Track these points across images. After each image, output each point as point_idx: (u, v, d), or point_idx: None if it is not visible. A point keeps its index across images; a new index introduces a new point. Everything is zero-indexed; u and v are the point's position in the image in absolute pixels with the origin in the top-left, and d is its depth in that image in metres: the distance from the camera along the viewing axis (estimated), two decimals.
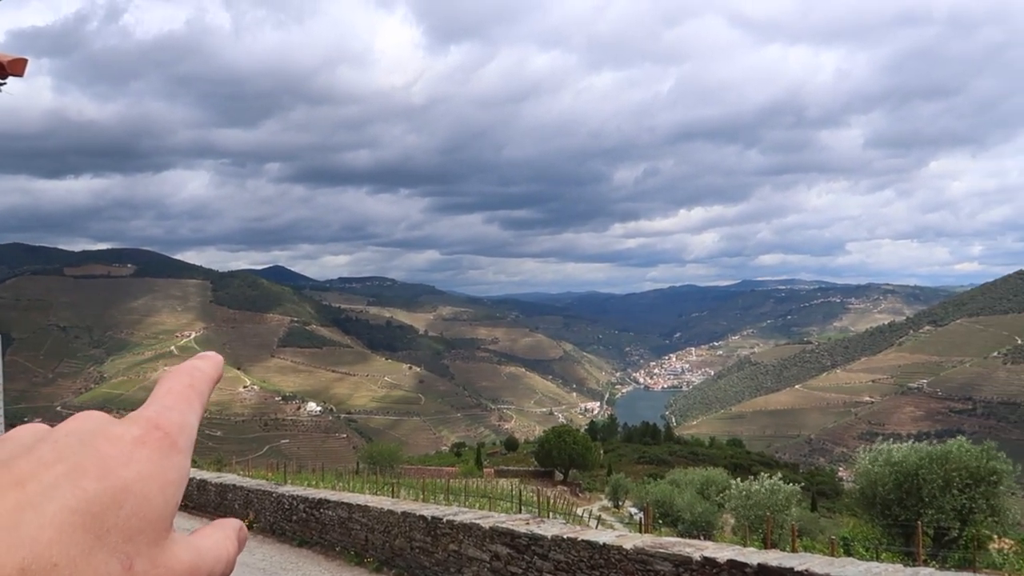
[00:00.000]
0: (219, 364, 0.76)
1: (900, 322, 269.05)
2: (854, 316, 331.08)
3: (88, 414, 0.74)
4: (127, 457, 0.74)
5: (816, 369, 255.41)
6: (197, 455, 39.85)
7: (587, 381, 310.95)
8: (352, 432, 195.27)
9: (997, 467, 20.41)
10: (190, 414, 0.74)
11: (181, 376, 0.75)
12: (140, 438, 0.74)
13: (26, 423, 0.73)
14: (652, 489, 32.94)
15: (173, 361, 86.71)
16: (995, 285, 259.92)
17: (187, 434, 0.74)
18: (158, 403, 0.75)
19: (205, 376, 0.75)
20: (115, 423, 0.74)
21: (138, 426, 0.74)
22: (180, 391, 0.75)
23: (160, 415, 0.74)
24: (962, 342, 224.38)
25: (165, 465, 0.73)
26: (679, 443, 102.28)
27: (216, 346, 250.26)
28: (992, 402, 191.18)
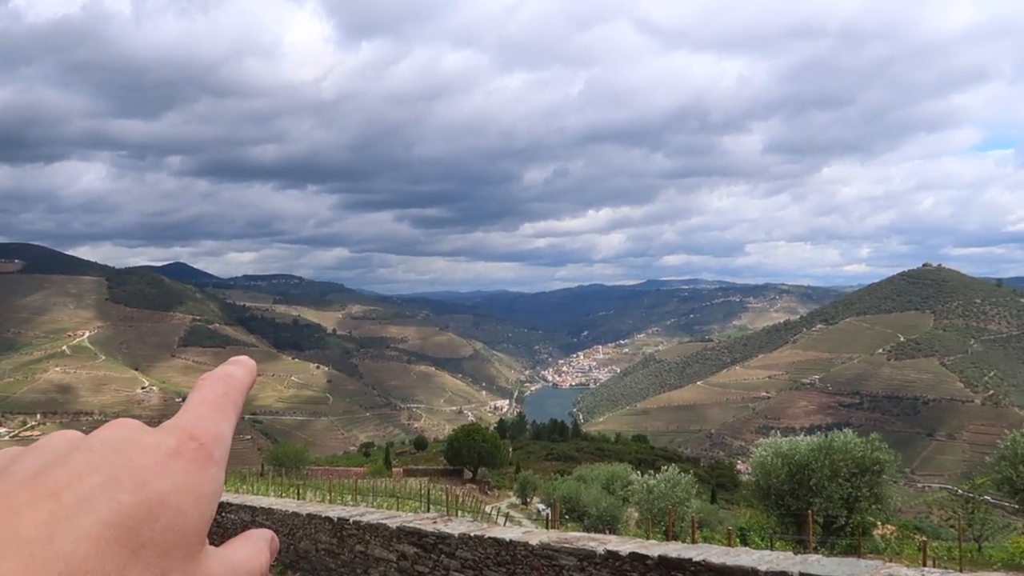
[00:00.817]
0: (252, 370, 0.75)
1: (795, 321, 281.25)
2: (752, 315, 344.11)
3: (122, 422, 0.72)
4: (162, 469, 0.72)
5: (717, 366, 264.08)
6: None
7: (497, 379, 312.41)
8: (257, 434, 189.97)
9: (880, 457, 21.65)
10: (224, 424, 0.73)
11: (215, 383, 0.74)
12: (175, 449, 0.73)
13: (60, 429, 0.70)
14: (559, 485, 33.42)
15: (65, 361, 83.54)
16: (881, 286, 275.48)
17: (222, 445, 0.73)
18: (192, 412, 0.73)
19: (239, 383, 0.74)
20: (149, 432, 0.72)
21: (173, 436, 0.73)
22: (214, 400, 0.73)
23: (195, 425, 0.73)
24: (851, 340, 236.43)
25: (200, 477, 0.73)
26: (586, 439, 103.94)
27: (113, 346, 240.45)
28: (877, 396, 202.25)
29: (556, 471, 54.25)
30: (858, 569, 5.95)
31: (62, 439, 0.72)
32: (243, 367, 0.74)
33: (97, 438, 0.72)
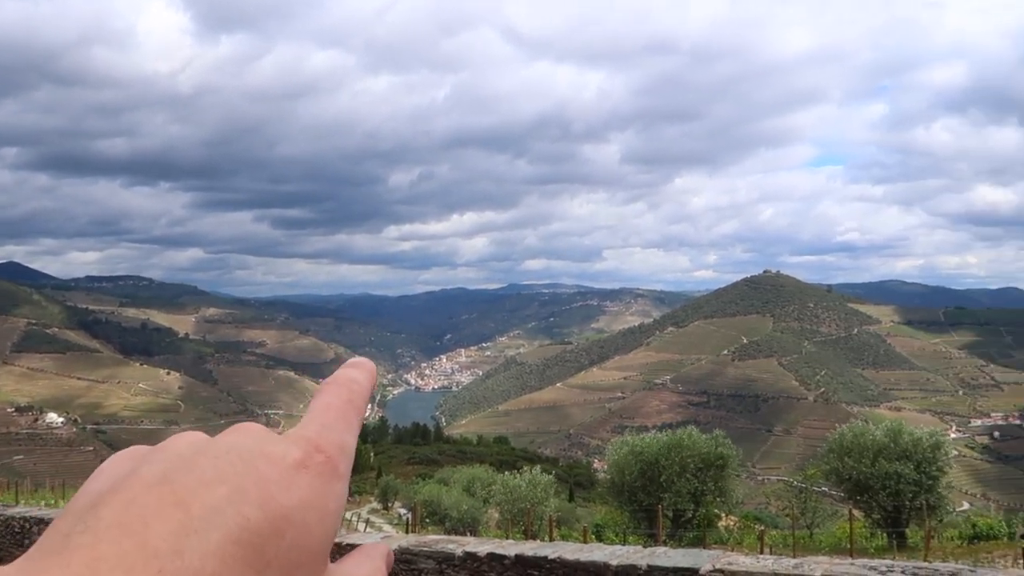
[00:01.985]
0: (374, 373, 0.72)
1: (648, 324, 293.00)
2: (609, 318, 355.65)
3: (247, 427, 0.70)
4: (288, 482, 0.70)
5: (576, 367, 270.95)
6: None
7: None
8: (101, 445, 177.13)
9: (724, 453, 23.03)
10: (349, 434, 0.71)
11: (339, 390, 0.71)
12: (301, 461, 0.70)
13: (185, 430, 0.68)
14: (421, 489, 33.35)
15: None
16: (726, 290, 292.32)
17: (347, 457, 0.70)
18: (317, 421, 0.70)
19: (362, 389, 0.71)
20: (274, 440, 0.70)
21: (299, 447, 0.70)
22: (339, 408, 0.70)
23: (320, 436, 0.70)
24: (699, 341, 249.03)
25: (326, 492, 0.70)
26: (448, 442, 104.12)
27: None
28: (723, 395, 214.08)
29: (418, 475, 54.06)
30: (700, 559, 6.33)
31: (187, 442, 0.70)
32: (365, 371, 0.72)
33: (222, 444, 0.70)
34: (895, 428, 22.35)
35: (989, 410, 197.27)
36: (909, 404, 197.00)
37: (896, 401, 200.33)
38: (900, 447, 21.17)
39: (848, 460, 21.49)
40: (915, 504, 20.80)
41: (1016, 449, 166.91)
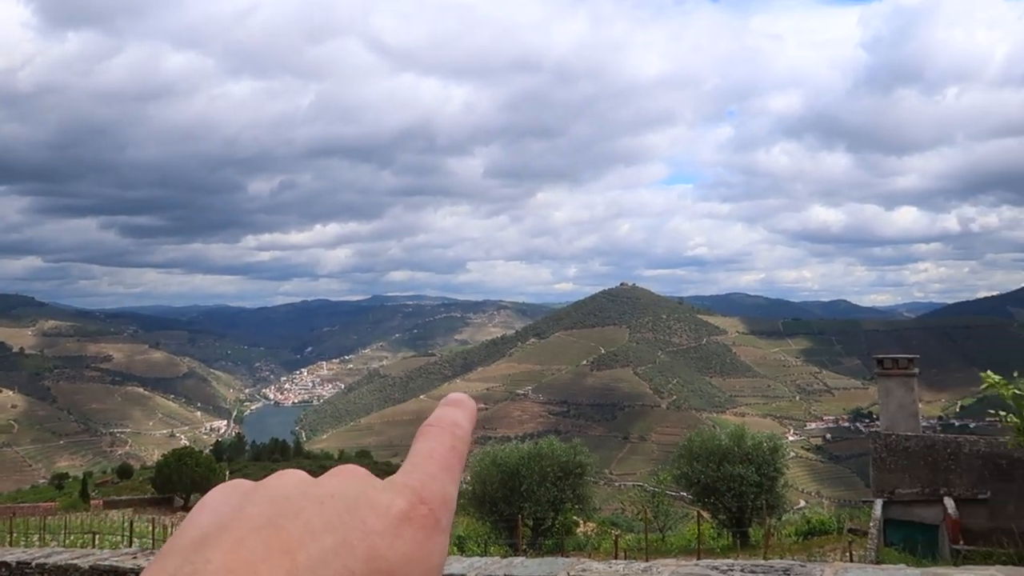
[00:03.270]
0: (475, 413, 0.70)
1: (511, 335, 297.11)
2: (473, 330, 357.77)
3: (351, 471, 0.70)
4: (393, 535, 0.68)
5: (439, 379, 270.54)
6: None
7: (215, 399, 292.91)
8: None
9: (582, 460, 23.76)
10: (451, 485, 0.68)
11: (443, 436, 0.69)
12: (406, 513, 0.68)
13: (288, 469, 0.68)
14: None
15: None
16: (585, 302, 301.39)
17: (449, 510, 0.68)
18: (420, 469, 0.68)
19: (465, 435, 0.69)
20: (378, 488, 0.69)
21: (404, 498, 0.68)
22: (443, 456, 0.68)
23: (424, 486, 0.68)
24: (560, 352, 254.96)
25: (429, 547, 0.68)
26: (308, 458, 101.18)
27: None
28: (582, 404, 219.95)
29: None
30: (556, 567, 6.54)
31: (292, 483, 0.70)
32: (467, 411, 0.69)
33: (327, 488, 0.69)
34: (738, 433, 23.86)
35: (822, 413, 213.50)
36: (752, 409, 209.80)
37: (741, 407, 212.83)
38: (743, 451, 22.60)
39: (697, 464, 22.71)
40: (756, 504, 22.23)
41: (845, 449, 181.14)
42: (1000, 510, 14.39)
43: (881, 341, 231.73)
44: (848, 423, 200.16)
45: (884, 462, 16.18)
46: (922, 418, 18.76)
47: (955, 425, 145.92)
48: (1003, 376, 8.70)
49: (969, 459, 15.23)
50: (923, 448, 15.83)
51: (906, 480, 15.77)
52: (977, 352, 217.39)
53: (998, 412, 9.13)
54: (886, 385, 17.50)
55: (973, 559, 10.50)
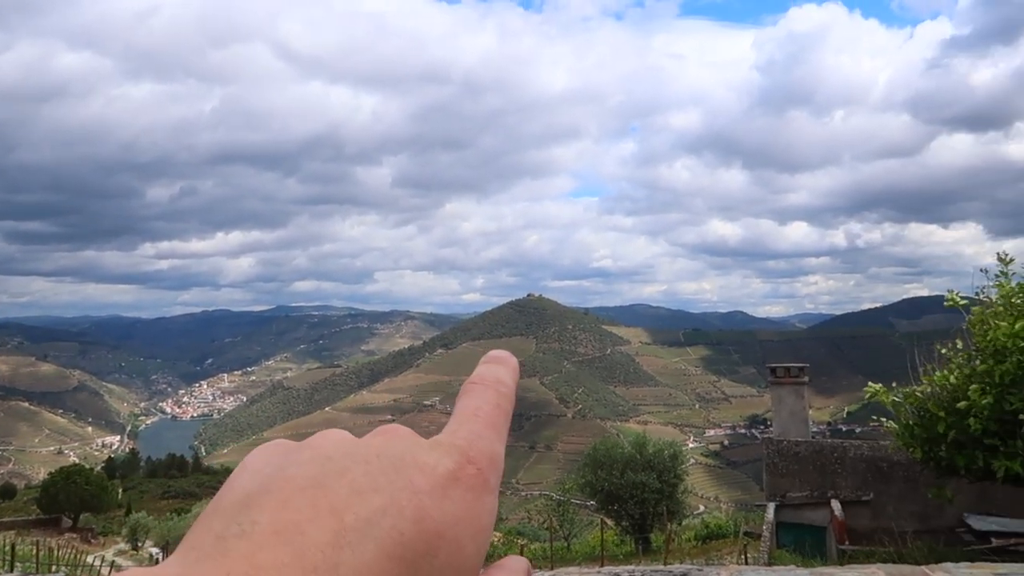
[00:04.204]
0: (518, 370, 0.69)
1: (418, 346, 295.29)
2: (380, 340, 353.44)
3: (395, 430, 0.67)
4: (441, 495, 0.65)
5: (345, 391, 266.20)
6: None
7: (107, 413, 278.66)
8: None
9: None
10: (499, 443, 0.66)
11: (487, 393, 0.66)
12: (453, 473, 0.65)
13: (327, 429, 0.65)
14: (176, 525, 31.16)
15: None
16: (493, 313, 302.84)
17: (497, 469, 0.65)
18: (467, 428, 0.66)
19: (510, 392, 0.67)
20: (424, 448, 0.66)
21: (451, 457, 0.66)
22: (488, 413, 0.66)
23: (471, 445, 0.66)
24: (467, 363, 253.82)
25: (478, 508, 0.65)
26: (208, 473, 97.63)
27: None
28: None
29: (173, 510, 50.49)
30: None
31: (335, 442, 0.67)
32: (510, 368, 0.68)
33: (373, 448, 0.67)
34: (640, 441, 24.49)
35: (720, 421, 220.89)
36: (654, 418, 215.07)
37: (643, 415, 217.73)
38: (645, 458, 23.22)
39: (601, 472, 23.18)
40: (658, 510, 22.85)
41: (742, 455, 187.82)
42: (882, 510, 15.30)
43: (775, 350, 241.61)
44: (744, 430, 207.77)
45: (776, 467, 16.95)
46: (812, 424, 19.75)
47: (842, 430, 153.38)
48: (884, 384, 9.33)
49: (854, 463, 16.13)
50: (812, 453, 16.67)
51: (797, 484, 16.56)
52: (862, 361, 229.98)
53: (880, 418, 9.77)
54: (778, 393, 18.34)
55: (857, 558, 11.12)
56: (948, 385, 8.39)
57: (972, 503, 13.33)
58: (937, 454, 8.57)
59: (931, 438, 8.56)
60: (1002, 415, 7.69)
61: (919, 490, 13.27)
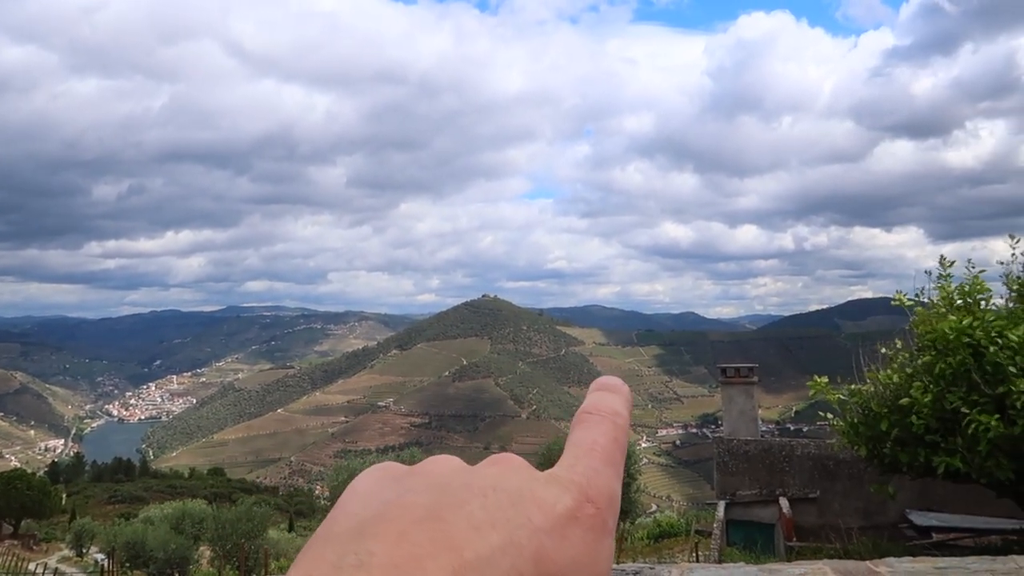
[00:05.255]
0: (631, 400, 0.62)
1: (373, 347, 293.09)
2: (334, 341, 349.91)
3: (509, 460, 0.62)
4: (560, 535, 0.62)
5: (298, 392, 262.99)
6: None
7: (50, 416, 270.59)
8: None
9: None
10: (616, 481, 0.61)
11: (604, 426, 0.61)
12: (572, 512, 0.62)
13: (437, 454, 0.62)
14: (122, 530, 30.39)
15: None
16: (447, 314, 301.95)
17: (615, 510, 0.61)
18: (584, 463, 0.62)
19: (626, 425, 0.62)
20: (541, 482, 0.62)
21: (570, 495, 0.62)
22: (605, 448, 0.61)
23: (590, 483, 0.61)
24: (422, 363, 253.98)
25: (596, 550, 0.61)
26: (156, 477, 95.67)
27: None
28: (444, 415, 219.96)
29: (120, 515, 49.38)
30: None
31: (450, 470, 0.63)
32: (624, 397, 0.62)
33: (488, 480, 0.63)
34: None
35: (672, 420, 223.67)
36: None
37: None
38: None
39: None
40: None
41: (694, 454, 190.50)
42: (828, 507, 15.66)
43: (725, 351, 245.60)
44: (696, 429, 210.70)
45: (727, 465, 17.24)
46: (761, 423, 20.13)
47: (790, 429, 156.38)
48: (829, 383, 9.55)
49: (801, 461, 16.49)
50: (761, 452, 17.00)
51: (746, 482, 16.87)
52: (809, 361, 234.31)
53: (827, 415, 10.00)
54: (729, 393, 18.65)
55: (804, 554, 11.35)
56: (892, 384, 8.64)
57: (914, 499, 13.73)
58: (881, 451, 8.80)
59: (875, 436, 8.79)
60: (942, 413, 7.94)
61: (864, 487, 13.61)
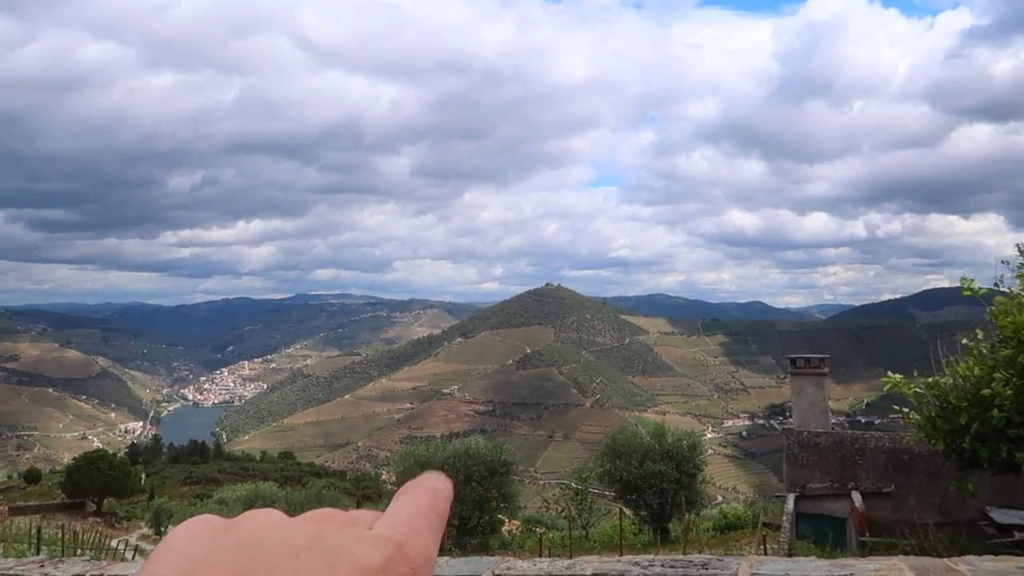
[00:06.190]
0: (451, 495, 0.67)
1: (437, 335, 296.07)
2: (399, 328, 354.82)
3: (332, 517, 0.63)
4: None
5: (364, 379, 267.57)
6: None
7: (130, 400, 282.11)
8: None
9: (507, 459, 23.99)
10: (434, 545, 0.65)
11: (426, 495, 0.64)
12: (384, 567, 0.64)
13: (262, 508, 0.63)
14: (198, 511, 31.48)
15: None
16: (511, 302, 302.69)
17: (430, 569, 0.64)
18: (406, 524, 0.64)
19: (448, 501, 0.65)
20: (360, 540, 0.64)
21: (385, 551, 0.64)
22: (427, 515, 0.64)
23: (409, 541, 0.64)
24: (486, 352, 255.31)
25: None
26: (229, 460, 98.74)
27: None
28: (507, 403, 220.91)
29: (195, 495, 51.23)
30: (480, 566, 6.68)
31: (266, 529, 0.63)
32: (447, 485, 0.65)
33: (305, 539, 0.63)
34: (659, 431, 24.45)
35: (738, 411, 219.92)
36: (673, 408, 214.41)
37: (662, 405, 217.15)
38: (664, 448, 23.18)
39: (619, 462, 23.18)
40: (676, 500, 22.82)
41: (759, 446, 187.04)
42: (902, 502, 15.19)
43: (793, 341, 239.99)
44: (763, 420, 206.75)
45: (796, 458, 16.86)
46: (831, 415, 19.63)
47: (861, 422, 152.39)
48: (904, 375, 9.22)
49: (874, 454, 16.02)
50: (832, 444, 16.57)
51: (817, 475, 16.47)
52: (881, 352, 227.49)
53: (902, 409, 9.66)
54: (798, 384, 18.23)
55: (878, 550, 11.05)
56: (972, 376, 8.28)
57: (994, 496, 13.19)
58: (960, 446, 8.47)
59: (953, 430, 8.46)
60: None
61: (940, 482, 13.15)
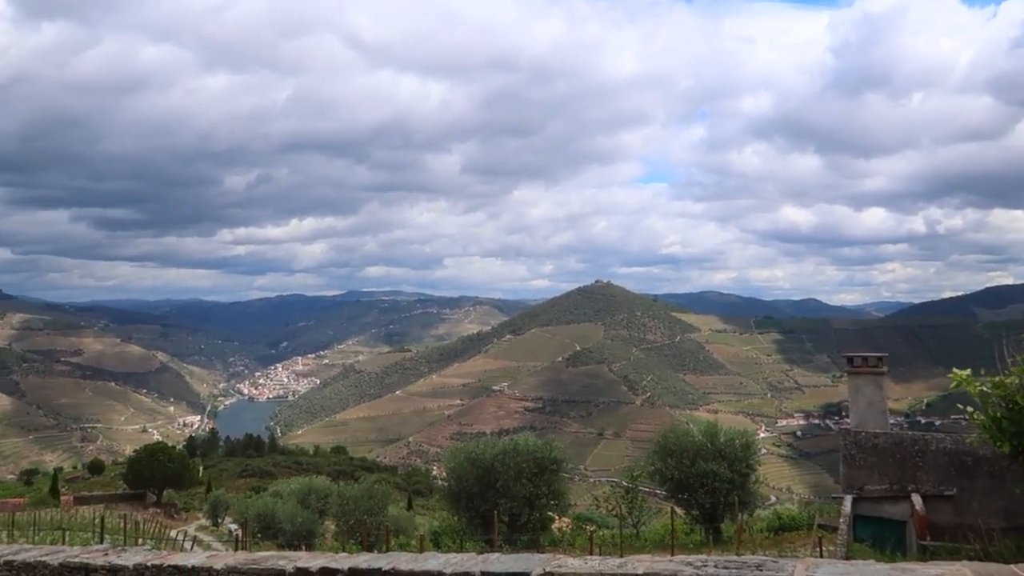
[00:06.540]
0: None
1: (487, 332, 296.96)
2: (449, 325, 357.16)
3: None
4: None
5: (415, 375, 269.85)
6: None
7: (188, 394, 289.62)
8: None
9: (557, 457, 23.87)
10: None
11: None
12: None
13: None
14: (253, 503, 32.09)
15: None
16: (560, 299, 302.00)
17: None
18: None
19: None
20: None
21: None
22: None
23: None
24: (535, 349, 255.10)
25: None
26: (283, 453, 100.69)
27: None
28: (557, 400, 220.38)
29: (251, 488, 52.18)
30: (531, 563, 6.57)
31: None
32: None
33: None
34: (711, 430, 24.04)
35: (793, 411, 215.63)
36: (725, 406, 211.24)
37: (714, 404, 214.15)
38: (716, 447, 22.79)
39: (671, 460, 22.86)
40: (729, 500, 22.42)
41: (814, 446, 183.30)
42: (965, 507, 14.66)
43: (850, 339, 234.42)
44: (818, 420, 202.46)
45: (854, 459, 16.41)
46: (890, 416, 19.05)
47: (921, 422, 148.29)
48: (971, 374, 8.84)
49: (936, 456, 15.49)
50: (891, 445, 16.08)
51: (875, 477, 16.00)
52: (941, 351, 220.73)
53: (966, 408, 9.28)
54: (856, 383, 17.73)
55: (940, 554, 10.68)
56: None
57: None
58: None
59: (1021, 432, 8.10)
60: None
61: (1006, 486, 12.65)
